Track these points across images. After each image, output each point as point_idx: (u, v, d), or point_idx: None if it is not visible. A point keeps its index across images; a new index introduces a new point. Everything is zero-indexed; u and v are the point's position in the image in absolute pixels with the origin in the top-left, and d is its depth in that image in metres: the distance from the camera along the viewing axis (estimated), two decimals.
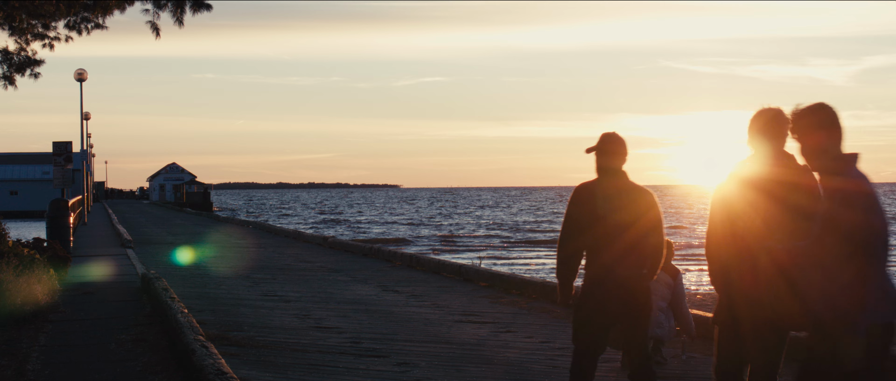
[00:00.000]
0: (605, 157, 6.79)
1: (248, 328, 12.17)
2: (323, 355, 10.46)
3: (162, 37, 16.91)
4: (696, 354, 10.54)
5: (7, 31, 18.28)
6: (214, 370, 8.04)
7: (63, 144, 33.41)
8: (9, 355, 10.36)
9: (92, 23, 18.09)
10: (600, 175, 6.82)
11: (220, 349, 9.87)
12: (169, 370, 9.36)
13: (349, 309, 14.38)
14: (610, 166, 6.80)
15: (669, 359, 10.18)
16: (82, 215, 48.12)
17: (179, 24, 16.54)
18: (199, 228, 42.68)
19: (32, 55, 19.00)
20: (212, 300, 15.17)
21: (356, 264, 22.32)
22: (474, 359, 10.40)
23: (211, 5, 16.55)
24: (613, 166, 6.79)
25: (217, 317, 13.10)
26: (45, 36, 18.62)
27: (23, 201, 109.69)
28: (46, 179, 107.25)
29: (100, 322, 12.71)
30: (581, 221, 6.79)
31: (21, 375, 9.34)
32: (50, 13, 17.28)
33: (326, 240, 30.33)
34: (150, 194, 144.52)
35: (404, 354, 10.55)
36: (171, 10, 16.53)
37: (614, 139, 6.83)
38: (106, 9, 17.39)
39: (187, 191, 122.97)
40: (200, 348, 8.89)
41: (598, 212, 6.74)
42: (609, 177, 6.81)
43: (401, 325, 12.86)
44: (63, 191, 33.70)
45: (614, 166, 6.79)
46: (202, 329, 10.40)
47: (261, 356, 10.22)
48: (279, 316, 13.48)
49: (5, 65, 19.04)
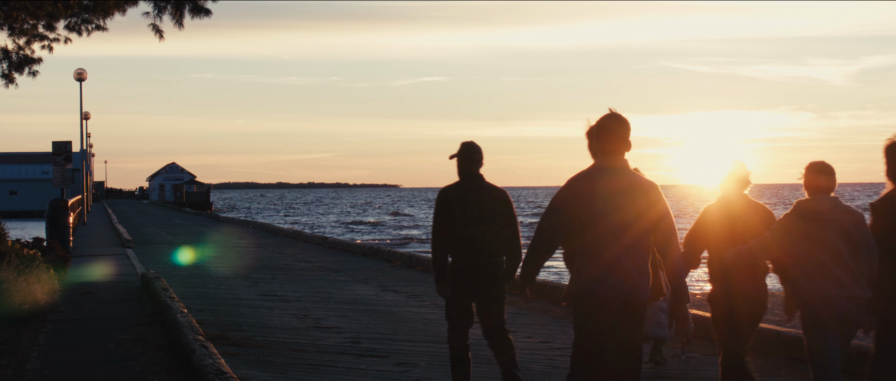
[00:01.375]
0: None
1: (248, 328, 12.17)
2: (322, 355, 10.46)
3: (163, 38, 16.92)
4: (696, 354, 10.54)
5: (7, 32, 18.27)
6: (214, 369, 8.04)
7: (63, 143, 33.42)
8: (8, 354, 10.36)
9: (92, 24, 18.08)
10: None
11: (220, 348, 9.86)
12: (168, 370, 9.36)
13: (349, 309, 14.39)
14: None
15: (669, 359, 10.18)
16: (82, 215, 48.11)
17: (179, 26, 16.56)
18: (198, 227, 42.68)
19: (31, 54, 18.99)
20: (211, 300, 15.17)
21: (356, 264, 22.32)
22: (474, 359, 10.40)
23: (210, 11, 16.56)
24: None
25: (216, 317, 13.10)
26: (45, 37, 18.61)
27: (22, 200, 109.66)
28: (46, 178, 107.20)
29: (99, 322, 12.71)
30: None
31: (20, 374, 9.34)
32: (50, 14, 17.27)
33: (326, 240, 30.32)
34: (150, 193, 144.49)
35: (404, 354, 10.55)
36: (171, 13, 16.55)
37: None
38: (106, 10, 17.39)
39: (187, 191, 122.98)
40: (200, 347, 8.89)
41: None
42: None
43: (400, 325, 12.86)
44: (62, 191, 33.71)
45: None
46: (202, 329, 10.40)
47: (260, 356, 10.21)
48: (279, 316, 13.48)
49: (5, 63, 19.03)
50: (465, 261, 7.81)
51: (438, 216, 7.87)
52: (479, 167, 7.88)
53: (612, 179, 6.30)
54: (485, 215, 7.79)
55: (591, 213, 6.25)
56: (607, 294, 6.23)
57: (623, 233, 6.26)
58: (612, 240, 6.25)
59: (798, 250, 7.06)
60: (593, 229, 6.28)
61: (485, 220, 7.78)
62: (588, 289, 6.26)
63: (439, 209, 7.87)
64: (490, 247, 7.80)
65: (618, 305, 6.23)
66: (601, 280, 6.23)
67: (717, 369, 9.88)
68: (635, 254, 6.28)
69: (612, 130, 6.32)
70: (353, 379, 9.25)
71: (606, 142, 6.34)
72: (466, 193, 7.80)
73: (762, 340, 10.63)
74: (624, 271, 6.23)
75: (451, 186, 7.88)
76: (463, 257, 7.81)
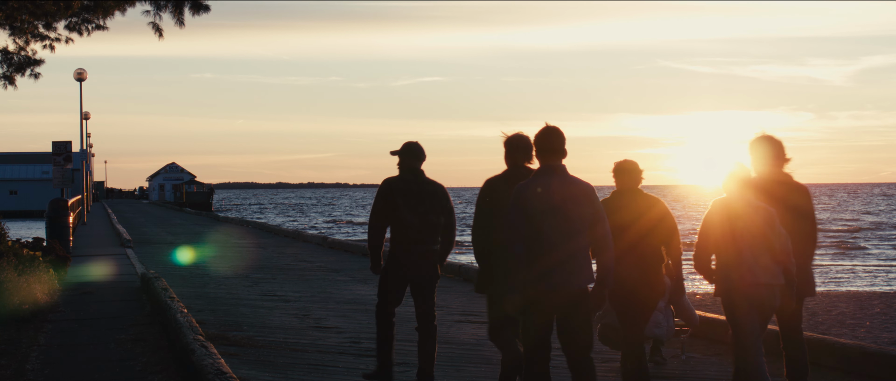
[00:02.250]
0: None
1: (248, 328, 12.17)
2: (322, 355, 10.45)
3: (162, 37, 16.93)
4: (696, 354, 10.55)
5: (7, 32, 18.27)
6: (214, 369, 8.03)
7: (62, 143, 33.42)
8: (8, 354, 10.36)
9: (92, 24, 18.08)
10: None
11: (220, 348, 9.86)
12: (168, 370, 9.36)
13: (349, 309, 14.38)
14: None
15: (669, 359, 10.18)
16: (82, 215, 48.12)
17: (180, 24, 16.56)
18: (198, 227, 42.68)
19: (32, 55, 18.99)
20: (211, 300, 15.17)
21: (356, 264, 22.31)
22: (474, 359, 10.41)
23: (209, 7, 16.56)
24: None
25: (216, 317, 13.10)
26: (45, 37, 18.61)
27: (22, 200, 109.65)
28: (46, 178, 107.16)
29: (99, 322, 12.71)
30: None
31: (20, 374, 9.34)
32: (51, 13, 17.27)
33: (326, 240, 30.32)
34: (150, 193, 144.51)
35: (404, 354, 10.55)
36: (171, 12, 16.54)
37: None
38: (106, 10, 17.39)
39: (187, 191, 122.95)
40: (200, 347, 8.89)
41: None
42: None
43: (400, 325, 12.81)
44: (62, 191, 33.70)
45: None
46: (202, 329, 10.40)
47: (260, 356, 10.21)
48: (279, 316, 13.48)
49: (5, 65, 19.03)
50: (404, 247, 8.45)
51: (378, 203, 8.53)
52: (421, 164, 8.57)
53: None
54: (423, 205, 8.45)
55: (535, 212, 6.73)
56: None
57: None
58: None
59: (721, 243, 7.53)
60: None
61: (423, 210, 8.45)
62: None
63: (380, 197, 8.54)
64: (426, 235, 8.46)
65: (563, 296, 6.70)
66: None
67: (717, 368, 9.91)
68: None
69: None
70: (353, 379, 9.25)
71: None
72: (408, 185, 8.50)
73: (762, 340, 10.63)
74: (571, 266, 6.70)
75: (394, 178, 8.58)
76: (401, 243, 8.46)
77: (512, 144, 7.77)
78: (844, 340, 10.37)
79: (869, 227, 64.11)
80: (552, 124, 6.90)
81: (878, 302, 19.06)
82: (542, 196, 6.67)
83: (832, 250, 43.96)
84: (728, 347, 10.90)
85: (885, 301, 19.23)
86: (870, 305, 18.48)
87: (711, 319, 11.48)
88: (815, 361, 9.85)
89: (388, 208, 8.49)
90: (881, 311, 17.37)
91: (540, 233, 6.65)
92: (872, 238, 52.88)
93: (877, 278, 30.77)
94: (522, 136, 7.80)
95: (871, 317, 16.41)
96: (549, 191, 6.68)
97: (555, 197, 6.67)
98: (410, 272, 8.50)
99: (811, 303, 18.63)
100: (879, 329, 14.90)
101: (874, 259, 39.07)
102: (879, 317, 16.46)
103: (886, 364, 9.15)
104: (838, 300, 19.39)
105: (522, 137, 7.78)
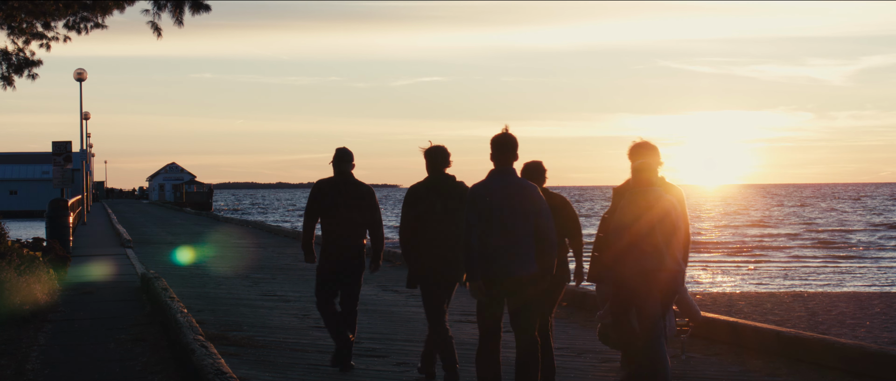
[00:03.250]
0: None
1: (248, 328, 12.17)
2: (322, 355, 10.45)
3: (161, 36, 16.90)
4: (696, 354, 10.55)
5: (6, 31, 18.25)
6: (214, 369, 8.03)
7: (62, 143, 33.43)
8: (8, 354, 10.36)
9: (91, 22, 18.06)
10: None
11: (220, 348, 9.86)
12: (168, 370, 9.36)
13: None
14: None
15: (669, 359, 10.17)
16: (82, 215, 48.12)
17: (179, 24, 16.53)
18: (198, 228, 42.68)
19: (31, 56, 18.97)
20: (211, 300, 15.17)
21: None
22: (474, 359, 10.39)
23: (210, 6, 16.54)
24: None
25: (216, 317, 13.10)
26: (43, 36, 18.59)
27: (22, 200, 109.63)
28: (46, 178, 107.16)
29: (99, 322, 12.71)
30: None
31: (20, 374, 9.34)
32: (50, 12, 17.26)
33: None
34: (150, 193, 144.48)
35: (404, 354, 10.55)
36: (171, 11, 16.52)
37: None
38: (105, 9, 17.37)
39: (187, 191, 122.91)
40: (200, 347, 8.89)
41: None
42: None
43: (400, 325, 12.86)
44: (62, 191, 33.71)
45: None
46: (201, 329, 10.40)
47: (260, 356, 10.21)
48: (279, 316, 13.48)
49: (4, 65, 19.02)
50: (333, 242, 9.46)
51: (311, 203, 9.57)
52: (350, 168, 9.56)
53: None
54: (350, 204, 9.46)
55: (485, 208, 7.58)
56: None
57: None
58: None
59: (632, 231, 8.04)
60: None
61: (350, 208, 9.46)
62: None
63: (312, 197, 9.57)
64: (353, 231, 9.48)
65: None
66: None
67: (717, 368, 9.92)
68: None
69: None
70: (353, 379, 9.25)
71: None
72: (338, 185, 9.49)
73: (762, 340, 10.64)
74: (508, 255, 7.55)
75: (325, 180, 9.58)
76: (331, 238, 9.47)
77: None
78: (844, 340, 10.37)
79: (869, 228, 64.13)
80: (509, 132, 7.71)
81: (878, 302, 19.05)
82: (494, 194, 7.54)
83: (842, 251, 43.96)
84: (728, 347, 10.92)
85: (885, 301, 19.23)
86: (870, 305, 18.48)
87: (712, 319, 11.48)
88: (816, 361, 9.85)
89: (319, 207, 9.53)
90: (881, 311, 17.36)
91: (491, 226, 7.50)
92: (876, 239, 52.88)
93: (877, 278, 30.77)
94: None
95: (871, 317, 16.41)
96: (500, 189, 7.55)
97: (504, 195, 7.54)
98: (338, 262, 9.49)
99: (811, 303, 18.63)
100: (879, 329, 14.89)
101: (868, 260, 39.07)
102: (879, 317, 16.46)
103: (887, 364, 9.15)
104: (838, 300, 19.39)
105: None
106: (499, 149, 7.69)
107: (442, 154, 8.76)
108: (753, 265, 35.01)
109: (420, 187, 8.77)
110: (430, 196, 8.61)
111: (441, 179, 8.71)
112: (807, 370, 9.69)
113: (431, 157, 8.76)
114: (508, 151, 7.69)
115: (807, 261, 37.69)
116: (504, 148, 7.69)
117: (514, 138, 7.72)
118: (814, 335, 10.40)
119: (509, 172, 7.69)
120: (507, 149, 7.69)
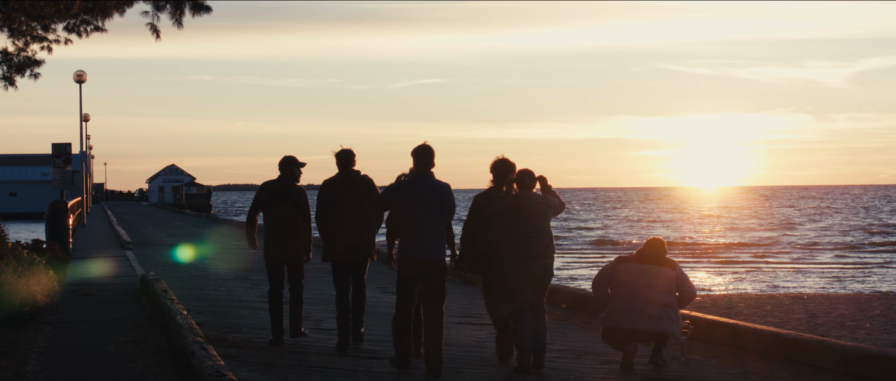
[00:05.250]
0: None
1: (248, 330, 12.17)
2: (322, 356, 10.45)
3: (161, 38, 16.88)
4: (696, 356, 10.55)
5: (6, 34, 18.25)
6: (213, 371, 8.03)
7: (62, 145, 33.41)
8: (7, 356, 10.36)
9: (91, 25, 18.06)
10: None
11: (219, 350, 9.86)
12: (168, 372, 9.36)
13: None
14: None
15: (669, 361, 10.18)
16: (81, 217, 48.11)
17: (178, 25, 16.53)
18: (197, 229, 42.68)
19: (32, 56, 18.97)
20: (211, 302, 15.17)
21: None
22: (473, 361, 10.40)
23: (210, 7, 16.54)
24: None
25: (216, 318, 13.10)
26: (44, 38, 18.59)
27: (22, 202, 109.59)
28: (46, 180, 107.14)
29: (99, 324, 12.70)
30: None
31: (20, 376, 9.34)
32: (49, 15, 17.25)
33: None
34: (150, 195, 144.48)
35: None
36: (170, 12, 16.51)
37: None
38: (105, 11, 17.36)
39: (186, 193, 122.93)
40: (199, 349, 8.89)
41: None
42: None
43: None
44: (62, 192, 33.69)
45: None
46: (201, 331, 10.40)
47: (260, 358, 10.21)
48: None
49: (5, 65, 19.02)
50: (274, 233, 11.31)
51: (257, 198, 11.30)
52: (299, 171, 11.30)
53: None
54: (289, 201, 11.19)
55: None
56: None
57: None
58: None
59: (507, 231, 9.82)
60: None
61: (289, 204, 11.18)
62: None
63: (257, 195, 11.31)
64: (291, 225, 11.24)
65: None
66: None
67: (717, 370, 9.91)
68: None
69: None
70: (353, 380, 9.25)
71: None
72: (281, 186, 11.23)
73: (762, 342, 10.64)
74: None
75: (271, 181, 11.32)
76: (273, 231, 11.31)
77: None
78: (844, 342, 10.37)
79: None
80: (426, 143, 9.41)
81: (877, 304, 19.05)
82: (417, 189, 9.31)
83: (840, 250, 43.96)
84: (728, 349, 10.91)
85: (884, 303, 19.23)
86: (869, 307, 18.48)
87: (712, 321, 11.48)
88: (816, 363, 9.85)
89: (261, 203, 11.32)
90: (881, 313, 17.36)
91: (415, 215, 9.28)
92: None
93: (877, 278, 30.78)
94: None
95: (871, 319, 16.41)
96: (421, 186, 9.33)
97: (424, 191, 9.32)
98: (280, 251, 11.37)
99: (811, 305, 18.64)
100: (879, 331, 14.89)
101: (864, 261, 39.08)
102: (879, 319, 16.46)
103: (886, 366, 9.15)
104: (838, 302, 19.39)
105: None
106: (422, 157, 9.43)
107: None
108: (753, 267, 35.02)
109: (332, 181, 10.90)
110: (338, 187, 10.80)
111: (349, 174, 10.85)
112: (807, 372, 9.69)
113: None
114: (428, 159, 9.44)
115: (807, 262, 37.73)
116: (426, 157, 9.44)
117: (432, 149, 9.45)
118: (813, 337, 10.39)
119: (429, 174, 9.47)
120: (428, 158, 9.43)
